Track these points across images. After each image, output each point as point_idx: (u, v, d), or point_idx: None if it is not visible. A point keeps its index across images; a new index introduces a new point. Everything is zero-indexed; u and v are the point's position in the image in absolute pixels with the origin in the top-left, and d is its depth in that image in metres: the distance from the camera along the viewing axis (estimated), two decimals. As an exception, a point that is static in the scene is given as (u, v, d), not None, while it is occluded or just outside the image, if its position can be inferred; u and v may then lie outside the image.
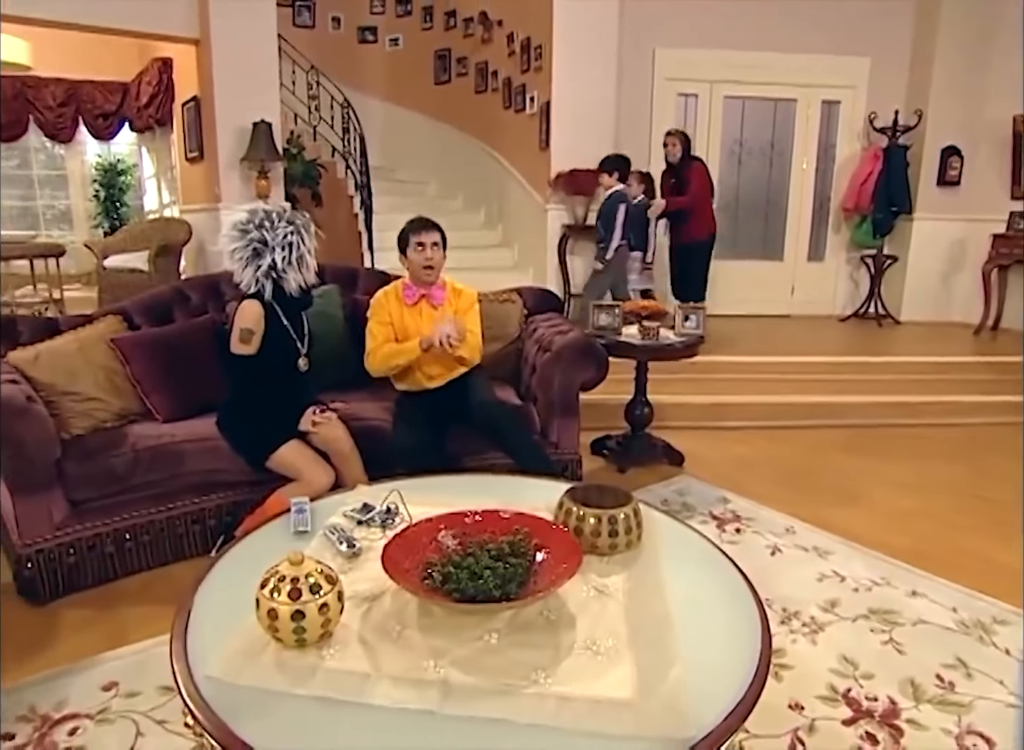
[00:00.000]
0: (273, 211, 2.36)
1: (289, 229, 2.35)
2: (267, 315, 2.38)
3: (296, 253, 2.37)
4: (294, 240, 2.36)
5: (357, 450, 2.55)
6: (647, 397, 3.59)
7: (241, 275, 2.33)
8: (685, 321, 3.47)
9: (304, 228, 2.41)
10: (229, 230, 2.32)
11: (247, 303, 2.37)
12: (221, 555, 1.70)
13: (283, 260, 2.34)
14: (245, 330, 2.34)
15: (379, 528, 1.77)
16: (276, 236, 2.32)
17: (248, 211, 2.35)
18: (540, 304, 3.56)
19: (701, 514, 3.00)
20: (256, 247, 2.29)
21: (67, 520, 2.33)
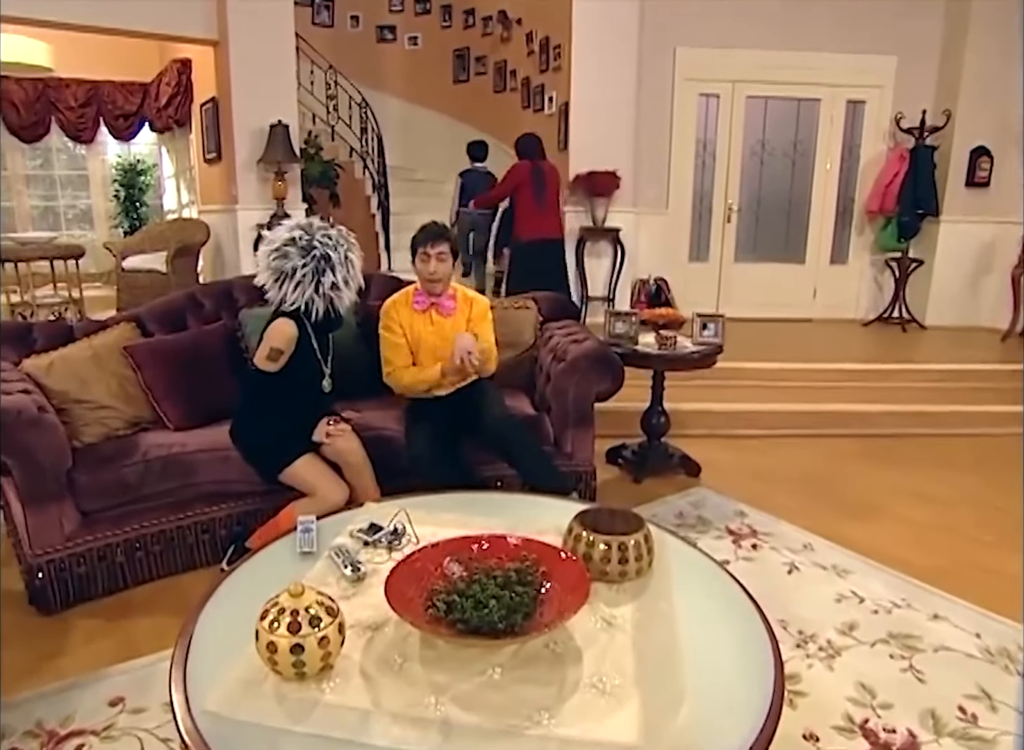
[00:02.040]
0: (329, 227, 2.33)
1: (346, 246, 2.33)
2: (299, 336, 2.32)
3: (353, 271, 2.34)
4: (352, 257, 2.34)
5: (369, 462, 2.52)
6: (663, 406, 3.54)
7: (294, 294, 2.25)
8: (703, 330, 3.41)
9: (355, 246, 2.39)
10: (283, 246, 2.24)
11: (282, 322, 2.30)
12: (231, 570, 1.69)
13: (343, 278, 2.31)
14: (275, 350, 2.28)
15: (385, 550, 1.75)
16: (339, 254, 2.29)
17: (301, 226, 2.29)
18: (556, 311, 3.52)
19: (717, 528, 2.94)
20: (319, 265, 2.24)
21: (78, 530, 2.34)
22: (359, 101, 6.76)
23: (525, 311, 3.43)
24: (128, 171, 7.17)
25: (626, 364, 3.22)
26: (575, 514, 1.70)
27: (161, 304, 3.06)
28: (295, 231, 2.27)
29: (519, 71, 6.75)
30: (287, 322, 2.30)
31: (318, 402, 2.53)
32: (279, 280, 2.26)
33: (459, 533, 1.77)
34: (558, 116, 5.87)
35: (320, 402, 2.54)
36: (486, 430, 2.67)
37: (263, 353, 2.31)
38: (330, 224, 2.37)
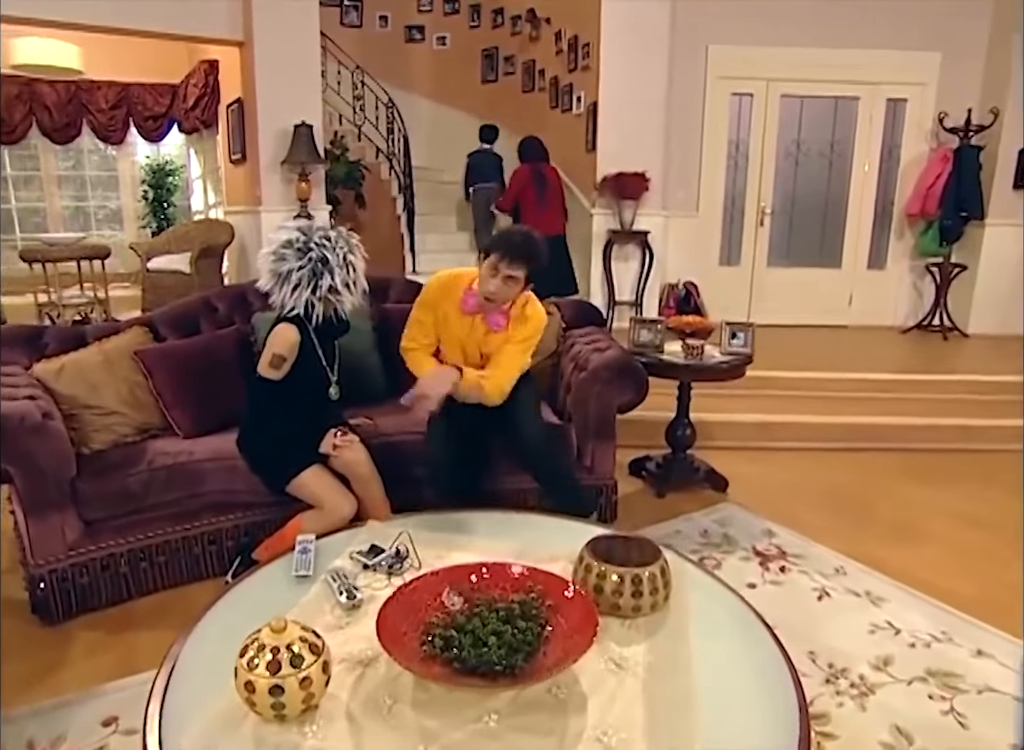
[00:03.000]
0: (329, 228, 2.25)
1: (346, 248, 2.25)
2: (301, 341, 2.25)
3: (353, 274, 2.26)
4: (352, 259, 2.26)
5: (378, 474, 2.43)
6: (690, 417, 3.39)
7: (292, 298, 2.18)
8: (732, 339, 3.26)
9: (357, 248, 2.31)
10: (280, 249, 2.18)
11: (284, 328, 2.23)
12: (224, 592, 1.61)
13: (342, 281, 2.22)
14: (277, 356, 2.21)
15: (385, 575, 1.65)
16: (337, 255, 2.21)
17: (300, 228, 2.22)
18: (579, 317, 3.40)
19: (743, 549, 2.80)
20: (316, 267, 2.16)
21: (81, 540, 2.29)
22: (386, 101, 6.71)
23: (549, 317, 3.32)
24: (156, 172, 7.23)
25: (651, 374, 3.09)
26: (587, 541, 1.59)
27: (174, 308, 3.02)
28: (293, 233, 2.20)
29: (547, 71, 6.64)
30: (289, 327, 2.23)
31: (325, 410, 2.45)
32: (278, 283, 2.19)
33: (465, 557, 1.68)
34: (586, 116, 5.74)
35: (327, 410, 2.46)
36: (519, 446, 2.50)
37: (266, 360, 2.24)
38: (332, 226, 2.29)
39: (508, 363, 2.37)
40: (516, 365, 2.40)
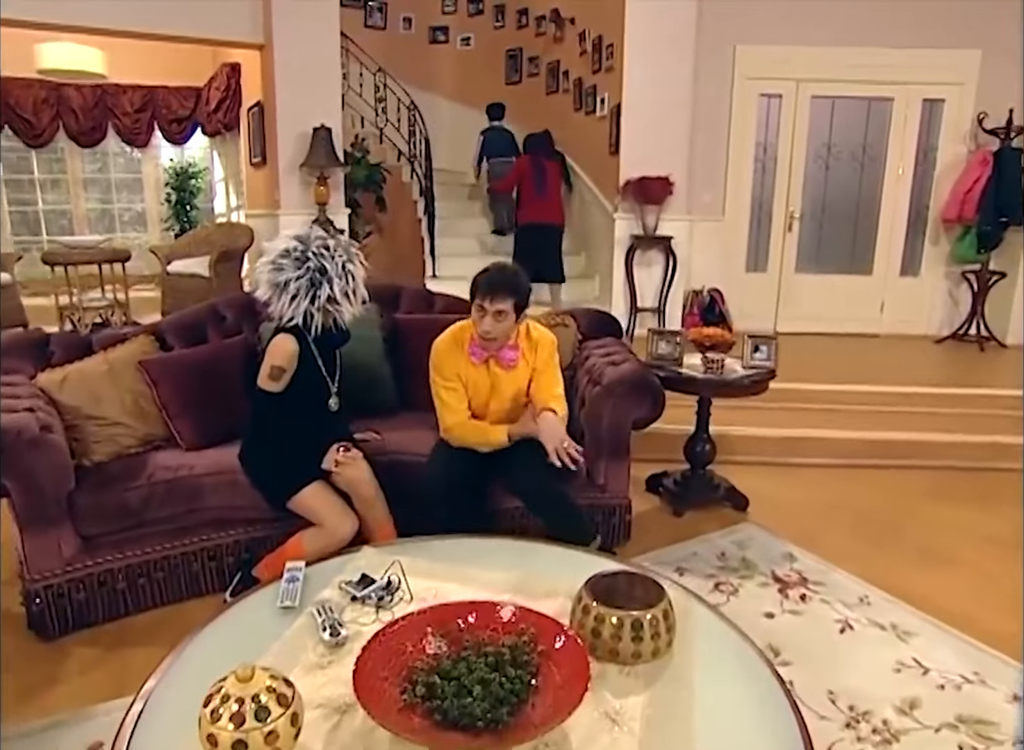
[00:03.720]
0: (328, 237, 2.20)
1: (345, 257, 2.19)
2: (301, 352, 2.19)
3: (352, 283, 2.20)
4: (351, 269, 2.20)
5: (382, 493, 2.36)
6: (709, 433, 3.27)
7: (290, 308, 2.13)
8: (755, 352, 3.13)
9: (357, 256, 2.25)
10: (277, 258, 2.13)
11: (282, 339, 2.19)
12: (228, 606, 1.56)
13: (341, 291, 2.17)
14: (276, 367, 2.17)
15: (374, 608, 1.57)
16: (335, 265, 2.15)
17: (298, 237, 2.17)
18: (596, 328, 3.29)
19: (762, 574, 2.67)
20: (314, 277, 2.11)
21: (77, 555, 2.25)
22: (408, 104, 6.66)
23: (563, 328, 3.21)
24: (179, 174, 7.27)
25: (669, 389, 2.99)
26: (587, 578, 1.49)
27: (181, 316, 2.98)
28: (290, 242, 2.14)
29: (572, 72, 6.53)
30: (287, 338, 2.18)
31: (327, 423, 2.38)
32: (277, 293, 2.14)
33: (459, 590, 1.60)
34: (610, 119, 5.62)
35: (329, 423, 2.39)
36: (517, 491, 2.45)
37: (265, 372, 2.19)
38: (330, 234, 2.22)
39: (551, 384, 2.44)
40: (559, 382, 2.47)
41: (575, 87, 6.44)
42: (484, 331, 2.27)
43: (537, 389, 2.43)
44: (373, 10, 7.62)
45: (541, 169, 5.54)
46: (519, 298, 2.26)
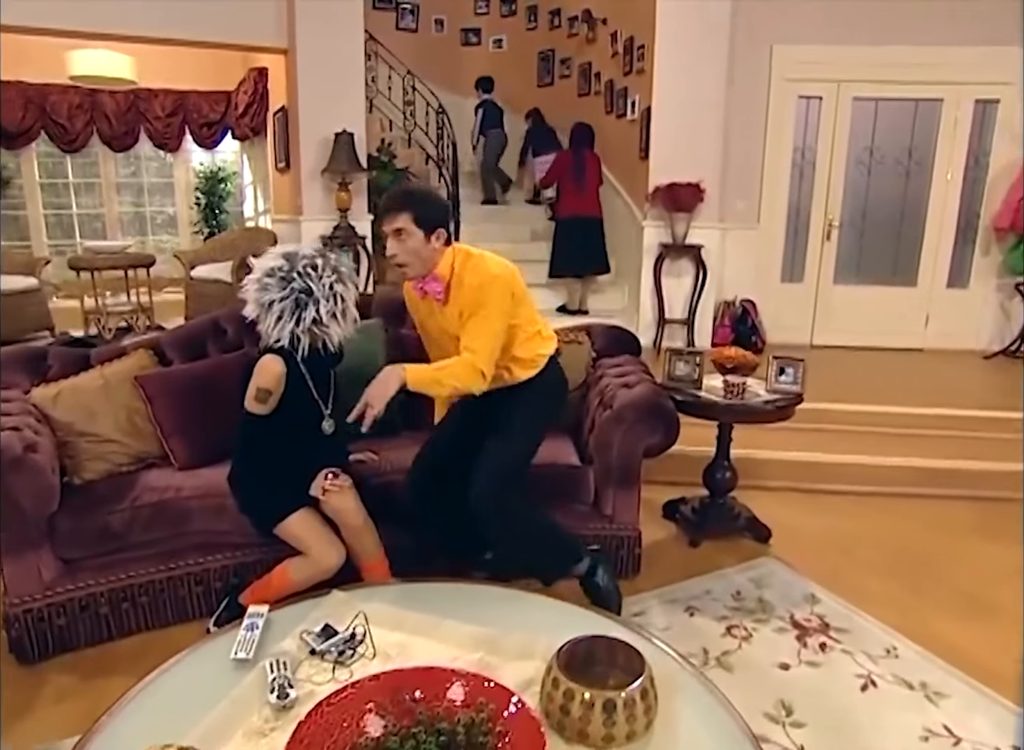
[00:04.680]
0: (316, 256, 2.09)
1: (333, 277, 2.07)
2: (289, 374, 2.10)
3: (341, 304, 2.10)
4: (339, 289, 2.09)
5: (371, 522, 2.24)
6: (730, 459, 3.08)
7: (275, 330, 2.04)
8: (780, 375, 2.93)
9: (348, 277, 2.14)
10: (263, 277, 2.04)
11: (268, 360, 2.09)
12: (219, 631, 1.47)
13: (328, 312, 2.06)
14: (262, 390, 2.07)
15: (333, 664, 1.45)
16: (322, 286, 2.04)
17: (285, 256, 2.08)
18: (611, 346, 3.14)
19: (780, 617, 2.48)
20: (299, 298, 2.01)
21: (58, 579, 2.19)
22: (436, 107, 6.57)
23: (576, 346, 3.07)
24: (209, 178, 7.31)
25: (687, 414, 2.83)
26: (563, 644, 1.34)
27: (182, 330, 2.92)
28: (277, 261, 2.05)
29: (603, 74, 6.36)
30: (274, 359, 2.08)
31: (319, 446, 2.27)
32: (262, 314, 2.06)
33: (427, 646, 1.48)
34: (640, 122, 5.44)
35: (322, 447, 2.27)
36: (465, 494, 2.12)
37: (251, 393, 2.09)
38: (319, 252, 2.10)
39: (470, 338, 2.03)
40: (479, 338, 2.03)
41: (607, 89, 6.27)
42: (389, 256, 2.05)
43: (461, 334, 2.07)
44: (405, 12, 7.56)
45: (582, 162, 5.53)
46: (416, 212, 1.99)
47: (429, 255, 2.05)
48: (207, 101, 6.86)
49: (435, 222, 2.04)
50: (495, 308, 2.05)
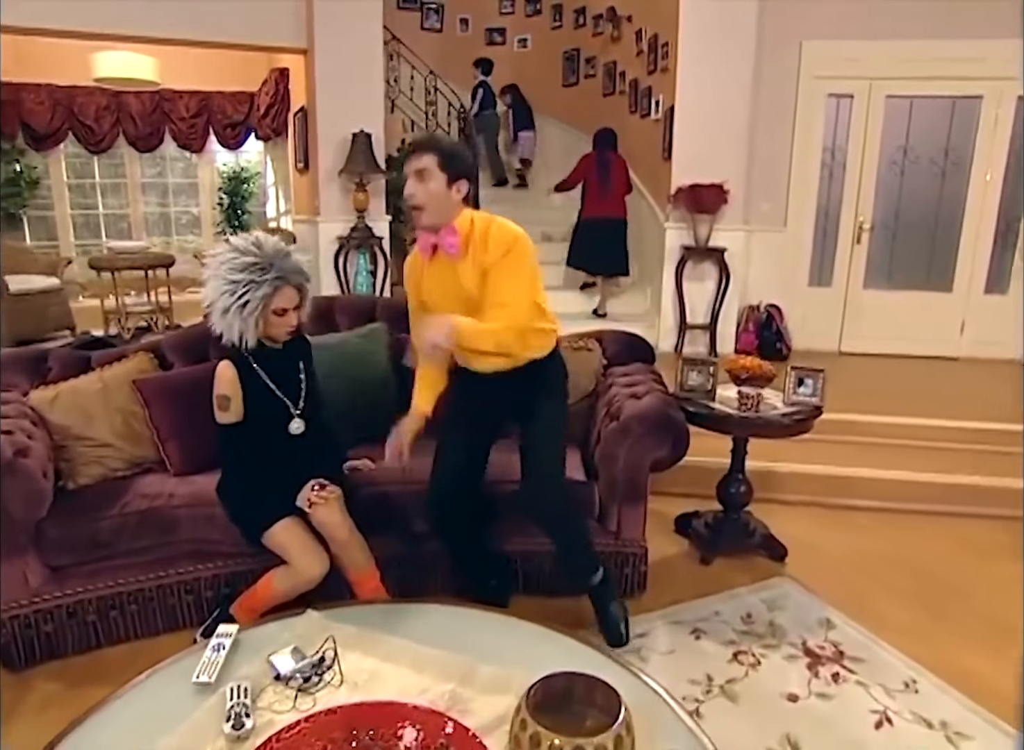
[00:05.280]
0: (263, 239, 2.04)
1: (274, 256, 2.00)
2: (244, 375, 2.06)
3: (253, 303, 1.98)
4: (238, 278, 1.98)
5: (359, 535, 2.17)
6: (745, 473, 2.95)
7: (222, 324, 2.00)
8: (798, 386, 2.79)
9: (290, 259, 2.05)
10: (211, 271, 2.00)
11: (219, 365, 2.07)
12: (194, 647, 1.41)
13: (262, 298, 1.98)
14: (220, 397, 2.05)
15: (296, 691, 1.37)
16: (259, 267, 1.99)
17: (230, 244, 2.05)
18: (623, 353, 3.02)
19: (792, 643, 2.35)
20: (235, 290, 1.96)
21: (45, 585, 2.16)
22: (458, 107, 6.51)
23: (586, 353, 2.97)
24: (232, 179, 7.35)
25: (699, 426, 2.72)
26: (535, 682, 1.25)
27: (182, 334, 2.89)
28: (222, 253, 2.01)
29: (628, 73, 6.23)
30: (223, 364, 2.05)
31: (295, 450, 2.18)
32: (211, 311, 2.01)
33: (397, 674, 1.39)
34: (664, 122, 5.30)
35: (297, 450, 2.19)
36: (521, 496, 2.18)
37: (215, 404, 2.06)
38: (254, 240, 2.03)
39: (505, 294, 1.94)
40: (514, 292, 1.96)
41: (631, 89, 6.15)
42: (408, 195, 1.94)
43: (486, 294, 1.98)
44: (430, 12, 7.52)
45: (606, 164, 5.51)
46: (443, 156, 1.92)
47: (448, 204, 1.96)
48: (231, 102, 6.89)
49: (459, 172, 1.96)
50: (527, 267, 1.99)
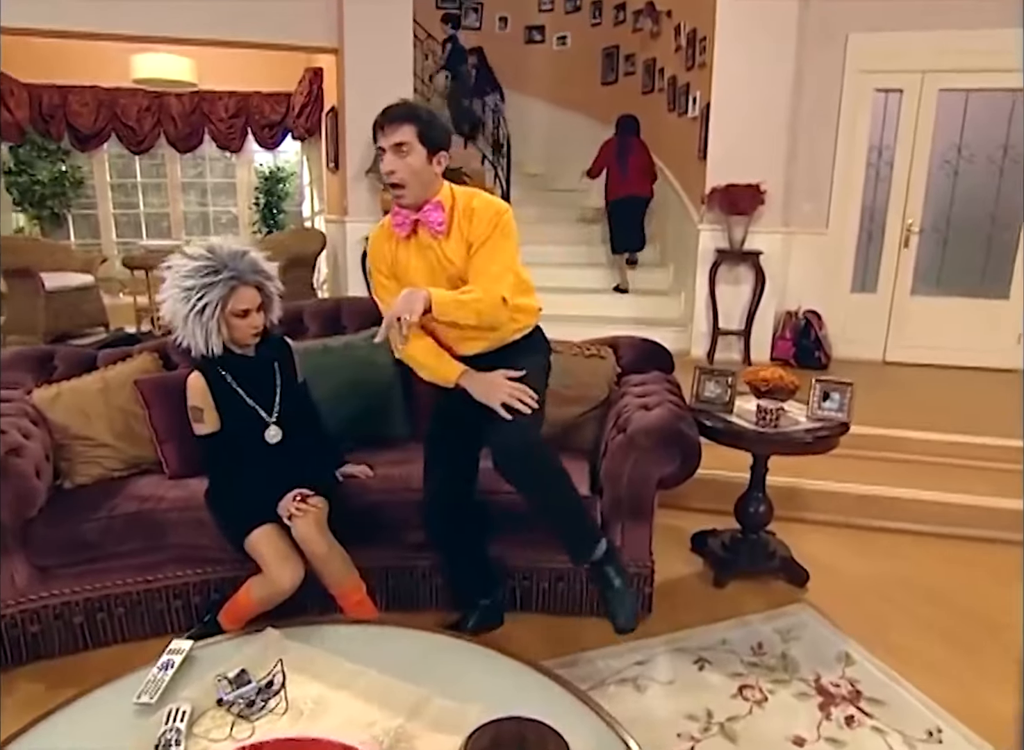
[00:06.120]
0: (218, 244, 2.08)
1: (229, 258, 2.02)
2: (213, 384, 2.04)
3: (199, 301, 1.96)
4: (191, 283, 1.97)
5: (338, 548, 2.09)
6: (765, 492, 2.78)
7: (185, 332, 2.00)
8: (823, 401, 2.61)
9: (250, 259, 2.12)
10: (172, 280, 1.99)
11: (189, 377, 2.06)
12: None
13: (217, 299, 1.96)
14: (193, 409, 2.05)
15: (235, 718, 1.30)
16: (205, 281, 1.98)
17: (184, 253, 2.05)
18: (640, 361, 2.88)
19: (804, 679, 2.18)
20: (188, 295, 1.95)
21: (31, 585, 2.14)
22: (493, 106, 6.43)
23: (598, 360, 2.84)
24: (268, 179, 7.43)
25: (714, 441, 2.57)
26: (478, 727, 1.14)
27: (187, 333, 2.86)
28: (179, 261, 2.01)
29: (667, 69, 6.05)
30: (194, 375, 2.05)
31: (271, 458, 2.14)
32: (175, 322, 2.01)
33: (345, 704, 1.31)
34: (700, 119, 5.12)
35: (274, 458, 2.14)
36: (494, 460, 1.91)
37: (190, 415, 2.06)
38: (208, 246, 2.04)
39: (483, 266, 1.86)
40: (495, 265, 1.86)
41: (669, 86, 5.97)
42: (387, 172, 1.81)
43: (471, 267, 1.89)
44: (468, 10, 7.46)
45: (626, 147, 5.73)
46: (421, 125, 1.79)
47: (429, 179, 1.85)
48: (269, 102, 6.96)
49: (439, 143, 1.85)
50: (512, 240, 1.91)
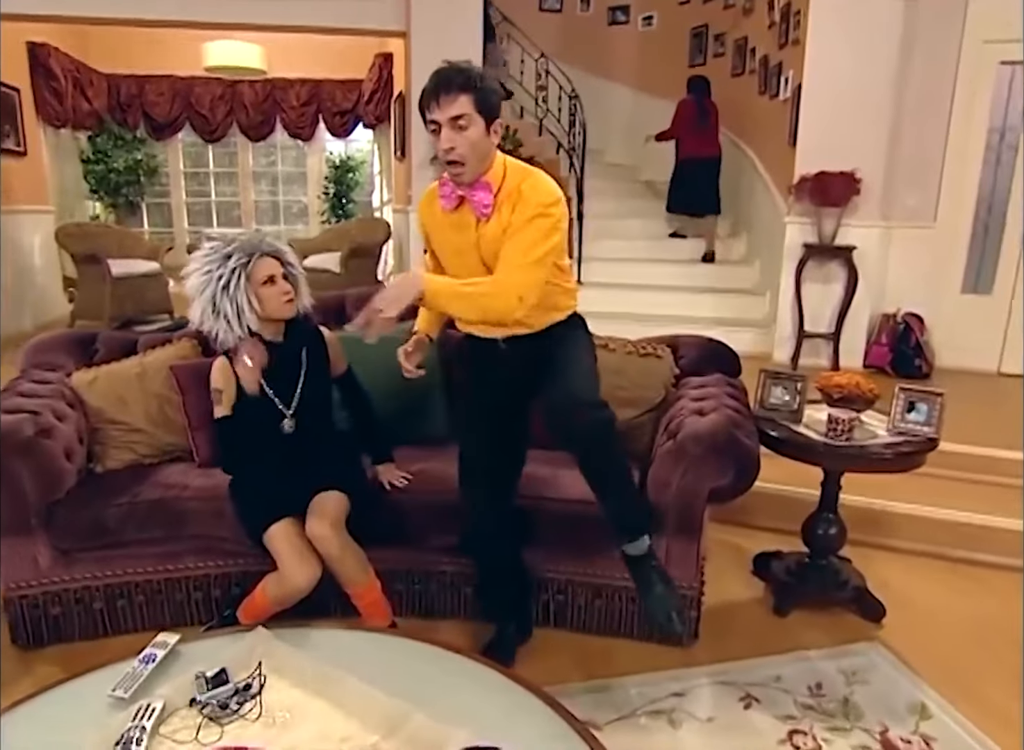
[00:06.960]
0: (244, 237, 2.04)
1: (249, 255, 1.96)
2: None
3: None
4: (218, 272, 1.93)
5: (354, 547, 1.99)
6: (838, 511, 2.47)
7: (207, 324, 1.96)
8: (907, 412, 2.27)
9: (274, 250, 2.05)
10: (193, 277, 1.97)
11: (217, 359, 2.03)
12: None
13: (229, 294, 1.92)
14: (214, 390, 2.00)
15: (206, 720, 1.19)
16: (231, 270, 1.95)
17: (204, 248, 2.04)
18: (702, 361, 2.62)
19: (867, 730, 1.88)
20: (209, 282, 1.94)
21: (54, 568, 2.13)
22: (569, 91, 6.19)
23: (654, 360, 2.60)
24: (338, 168, 7.43)
25: (780, 453, 2.30)
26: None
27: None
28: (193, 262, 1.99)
29: (758, 49, 5.65)
30: (220, 358, 2.01)
31: (289, 450, 2.07)
32: None
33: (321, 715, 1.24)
34: (791, 101, 4.72)
35: (291, 450, 2.07)
36: (547, 425, 1.75)
37: (212, 398, 2.00)
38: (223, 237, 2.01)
39: (510, 256, 1.67)
40: (523, 260, 1.67)
41: (761, 66, 5.57)
42: (445, 150, 1.62)
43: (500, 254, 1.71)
44: (550, -9, 7.24)
45: (704, 107, 5.69)
46: (480, 96, 1.60)
47: (487, 151, 1.67)
48: (340, 89, 6.94)
49: (496, 110, 1.67)
50: (553, 231, 1.69)
